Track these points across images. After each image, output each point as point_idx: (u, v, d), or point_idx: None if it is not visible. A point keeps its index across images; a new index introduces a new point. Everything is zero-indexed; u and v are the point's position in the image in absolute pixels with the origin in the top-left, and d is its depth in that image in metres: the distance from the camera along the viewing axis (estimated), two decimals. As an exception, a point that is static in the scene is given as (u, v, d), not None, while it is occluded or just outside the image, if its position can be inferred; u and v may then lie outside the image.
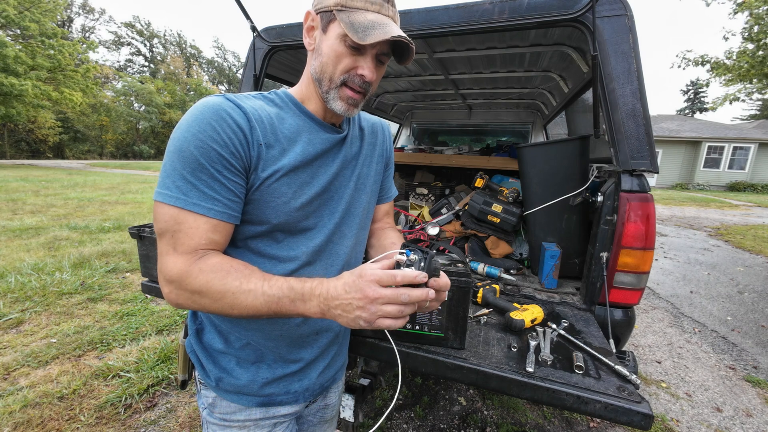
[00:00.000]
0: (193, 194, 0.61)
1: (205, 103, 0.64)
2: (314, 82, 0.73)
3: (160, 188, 0.62)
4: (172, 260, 0.62)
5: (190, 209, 0.61)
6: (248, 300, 0.61)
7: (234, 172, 0.64)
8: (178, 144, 0.61)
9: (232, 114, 0.64)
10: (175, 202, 0.61)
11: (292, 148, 0.71)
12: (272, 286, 0.61)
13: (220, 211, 0.64)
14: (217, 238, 0.65)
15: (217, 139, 0.62)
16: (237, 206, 0.67)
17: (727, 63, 7.11)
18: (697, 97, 45.30)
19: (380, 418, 1.83)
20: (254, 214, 0.70)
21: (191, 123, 0.62)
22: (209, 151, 0.61)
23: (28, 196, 8.22)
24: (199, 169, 0.61)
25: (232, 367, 0.77)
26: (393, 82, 2.97)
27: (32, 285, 3.32)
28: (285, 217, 0.71)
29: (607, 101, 1.25)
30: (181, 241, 0.62)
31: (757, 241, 6.66)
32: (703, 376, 2.49)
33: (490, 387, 0.97)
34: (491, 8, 1.36)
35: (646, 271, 1.28)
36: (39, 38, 18.23)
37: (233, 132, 0.63)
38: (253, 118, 0.66)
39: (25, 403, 1.90)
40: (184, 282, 0.62)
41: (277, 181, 0.69)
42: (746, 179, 18.69)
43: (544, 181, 1.69)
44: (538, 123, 3.75)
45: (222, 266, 0.62)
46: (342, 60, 0.68)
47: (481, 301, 1.37)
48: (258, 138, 0.67)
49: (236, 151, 0.64)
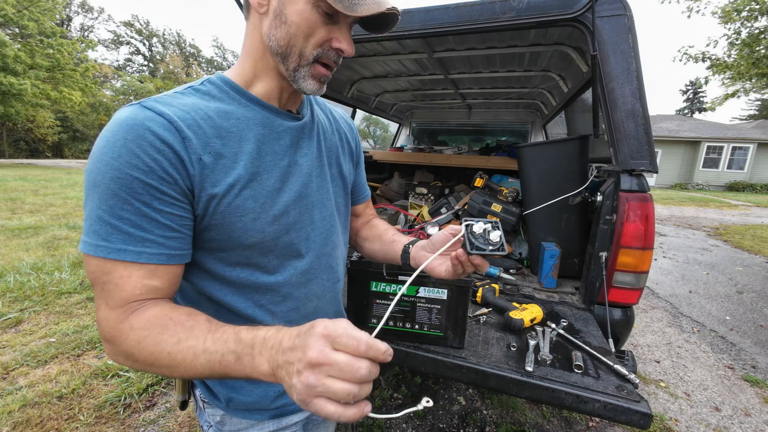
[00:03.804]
0: (116, 238, 0.49)
1: (118, 119, 0.51)
2: (273, 57, 0.59)
3: (83, 234, 0.51)
4: (105, 315, 0.51)
5: (114, 258, 0.49)
6: (186, 361, 0.48)
7: (167, 202, 0.52)
8: (91, 178, 0.49)
9: (153, 128, 0.50)
10: (96, 251, 0.49)
11: (247, 150, 0.58)
12: (216, 341, 0.48)
13: (155, 253, 0.52)
14: (158, 284, 0.53)
15: (138, 165, 0.49)
16: (179, 242, 0.54)
17: (728, 60, 7.12)
18: (696, 97, 45.38)
19: (381, 416, 1.83)
20: (220, 241, 0.58)
21: (103, 149, 0.49)
22: (130, 181, 0.48)
23: (27, 196, 8.20)
24: (120, 206, 0.49)
25: (241, 385, 0.68)
26: (392, 82, 2.96)
27: (31, 284, 3.32)
28: (258, 236, 0.60)
29: (606, 101, 1.26)
30: (111, 294, 0.51)
31: (756, 241, 6.67)
32: (701, 376, 2.49)
33: (489, 386, 0.98)
34: (491, 8, 1.36)
35: (645, 270, 1.28)
36: (38, 37, 18.17)
37: (157, 151, 0.50)
38: (184, 125, 0.53)
39: (24, 402, 1.90)
40: (116, 341, 0.51)
41: (239, 196, 0.57)
42: (745, 179, 18.71)
43: (544, 180, 1.69)
44: (538, 123, 3.76)
45: (159, 320, 0.50)
46: (315, 31, 0.56)
47: (481, 300, 1.37)
48: (196, 150, 0.53)
49: (166, 176, 0.51)
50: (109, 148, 0.49)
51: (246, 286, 0.63)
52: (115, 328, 0.51)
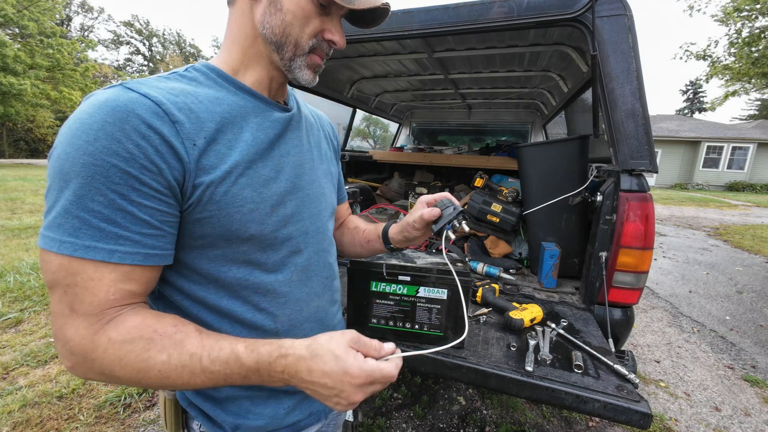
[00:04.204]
0: (85, 234, 0.43)
1: (96, 100, 0.45)
2: (267, 45, 0.56)
3: (43, 228, 0.45)
4: (70, 324, 0.44)
5: (81, 256, 0.43)
6: (182, 379, 0.46)
7: (147, 195, 0.46)
8: (58, 165, 0.43)
9: (138, 110, 0.45)
10: (59, 247, 0.43)
11: (241, 137, 0.55)
12: (214, 360, 0.47)
13: (129, 252, 0.46)
14: (134, 287, 0.48)
15: (117, 151, 0.43)
16: (158, 240, 0.48)
17: (727, 62, 7.13)
18: (696, 97, 45.37)
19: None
20: (214, 236, 0.53)
21: (76, 132, 0.43)
22: (106, 169, 0.43)
23: (26, 196, 8.20)
24: (91, 196, 0.43)
25: (247, 409, 0.61)
26: (392, 82, 2.97)
27: (31, 284, 3.31)
28: (257, 228, 0.56)
29: (606, 101, 1.26)
30: (79, 298, 0.44)
31: (756, 241, 6.67)
32: (701, 376, 2.49)
33: (489, 386, 0.98)
34: (491, 8, 1.36)
35: (645, 270, 1.28)
36: (38, 37, 18.18)
37: (142, 137, 0.45)
38: (174, 108, 0.48)
39: (24, 402, 1.90)
40: (90, 356, 0.45)
41: (236, 184, 0.53)
42: (745, 179, 18.71)
43: (544, 180, 1.69)
44: (538, 123, 3.76)
45: (142, 332, 0.46)
46: (310, 21, 0.55)
47: (481, 300, 1.37)
48: (189, 134, 0.49)
49: (150, 164, 0.45)
50: (83, 131, 0.43)
51: (244, 288, 0.57)
52: (88, 340, 0.44)
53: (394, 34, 1.52)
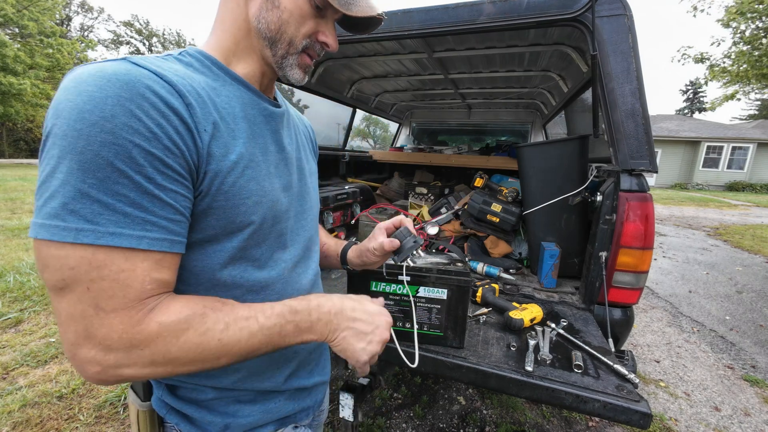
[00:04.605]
0: (106, 220, 0.39)
1: (103, 72, 0.40)
2: (260, 39, 0.55)
3: (44, 218, 0.38)
4: (100, 324, 0.40)
5: (106, 244, 0.39)
6: (241, 343, 0.46)
7: (172, 178, 0.43)
8: (65, 143, 0.38)
9: (155, 87, 0.42)
10: (77, 236, 0.38)
11: (243, 128, 0.54)
12: (270, 316, 0.49)
13: (158, 238, 0.42)
14: (166, 276, 0.44)
15: (139, 130, 0.40)
16: (181, 227, 0.45)
17: (724, 65, 7.13)
18: (696, 97, 45.37)
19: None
20: (216, 228, 0.50)
21: (85, 106, 0.38)
22: (129, 149, 0.39)
23: (26, 195, 8.20)
24: (115, 179, 0.39)
25: (236, 408, 0.60)
26: (392, 82, 2.97)
27: (31, 284, 3.31)
28: (259, 220, 0.55)
29: (606, 101, 1.26)
30: (108, 293, 0.40)
31: (756, 241, 6.68)
32: (701, 376, 2.49)
33: (489, 386, 0.98)
34: (491, 7, 1.36)
35: (645, 270, 1.28)
36: (38, 37, 18.19)
37: (162, 115, 0.42)
38: (186, 91, 0.46)
39: (24, 402, 1.90)
40: (138, 346, 0.41)
41: (242, 176, 0.51)
42: (745, 179, 18.72)
43: (544, 180, 1.69)
44: (538, 122, 3.76)
45: (193, 309, 0.45)
46: (306, 21, 0.55)
47: (481, 300, 1.37)
48: (200, 120, 0.46)
49: (172, 146, 0.43)
50: (94, 105, 0.38)
51: (238, 287, 0.55)
52: (133, 331, 0.41)
53: (394, 34, 1.52)
